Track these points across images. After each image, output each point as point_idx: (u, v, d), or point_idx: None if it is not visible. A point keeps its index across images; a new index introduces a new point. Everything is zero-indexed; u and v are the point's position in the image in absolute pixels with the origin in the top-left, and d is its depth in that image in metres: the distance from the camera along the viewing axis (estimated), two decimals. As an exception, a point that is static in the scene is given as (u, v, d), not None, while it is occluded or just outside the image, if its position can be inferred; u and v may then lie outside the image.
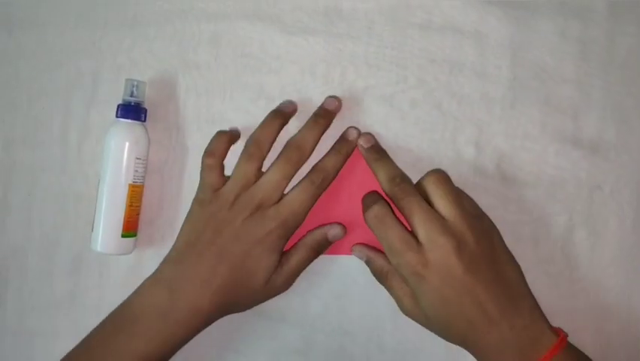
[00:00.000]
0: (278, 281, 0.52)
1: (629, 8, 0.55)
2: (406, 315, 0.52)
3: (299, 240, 0.54)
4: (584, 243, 0.55)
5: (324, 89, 0.56)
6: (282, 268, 0.52)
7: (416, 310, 0.50)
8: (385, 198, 0.51)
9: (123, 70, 0.58)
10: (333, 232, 0.54)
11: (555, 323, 0.48)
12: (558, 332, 0.47)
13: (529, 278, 0.49)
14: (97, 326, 0.50)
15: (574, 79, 0.55)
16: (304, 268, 0.53)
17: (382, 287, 0.55)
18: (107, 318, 0.51)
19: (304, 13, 0.57)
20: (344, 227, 0.54)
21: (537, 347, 0.46)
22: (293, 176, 0.52)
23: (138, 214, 0.55)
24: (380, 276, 0.53)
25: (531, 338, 0.46)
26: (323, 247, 0.54)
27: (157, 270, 0.51)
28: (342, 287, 0.56)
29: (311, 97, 0.57)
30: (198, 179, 0.55)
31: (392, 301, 0.55)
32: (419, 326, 0.55)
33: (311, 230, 0.54)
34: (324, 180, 0.52)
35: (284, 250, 0.53)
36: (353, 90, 0.56)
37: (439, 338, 0.54)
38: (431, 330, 0.51)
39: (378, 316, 0.56)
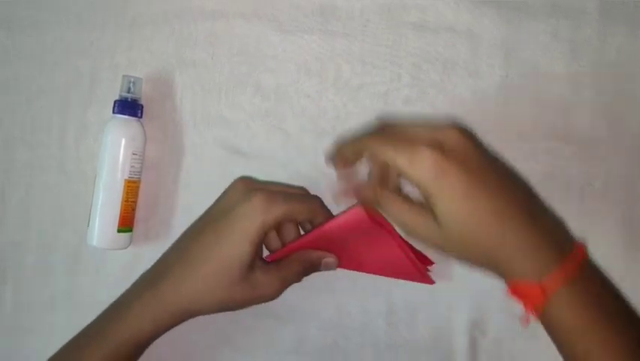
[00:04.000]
0: (262, 280, 0.49)
1: (620, 9, 0.56)
2: (411, 236, 0.46)
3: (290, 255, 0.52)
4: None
5: (319, 87, 0.57)
6: (269, 269, 0.49)
7: (424, 224, 0.44)
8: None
9: (121, 69, 0.59)
10: (329, 260, 0.52)
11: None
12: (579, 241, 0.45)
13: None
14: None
15: (565, 78, 0.56)
16: (292, 281, 0.51)
17: (377, 283, 0.55)
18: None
19: (300, 12, 0.58)
20: (337, 262, 0.53)
21: (567, 245, 0.43)
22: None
23: (134, 210, 0.56)
24: (375, 201, 0.47)
25: (559, 236, 0.44)
26: (312, 269, 0.52)
27: None
28: (336, 283, 0.57)
29: (307, 94, 0.57)
30: (194, 175, 0.56)
31: (386, 297, 0.56)
32: (412, 322, 0.56)
33: (305, 250, 0.52)
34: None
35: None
36: (347, 88, 0.57)
37: (431, 335, 0.55)
38: (448, 247, 0.45)
39: (372, 312, 0.56)
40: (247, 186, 0.50)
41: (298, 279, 0.51)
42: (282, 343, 0.57)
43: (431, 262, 0.53)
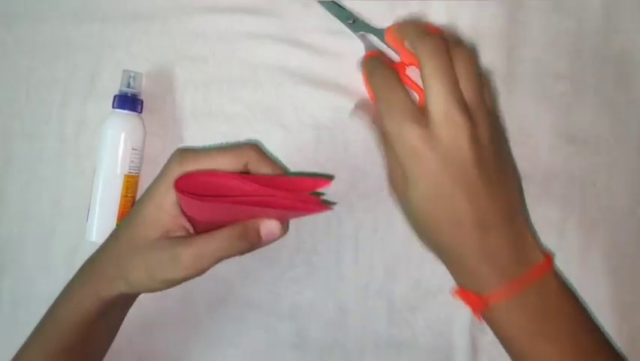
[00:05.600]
0: (183, 254, 0.44)
1: (623, 5, 0.56)
2: (391, 193, 0.46)
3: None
4: (577, 238, 0.55)
5: (320, 82, 0.57)
6: (192, 241, 0.44)
7: (403, 191, 0.44)
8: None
9: (121, 63, 0.58)
10: (269, 227, 0.46)
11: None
12: (546, 254, 0.45)
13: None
14: None
15: (568, 75, 0.56)
16: (222, 257, 0.45)
17: (377, 279, 0.55)
18: None
19: (301, 9, 0.57)
20: (282, 228, 0.48)
21: (522, 264, 0.43)
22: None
23: (133, 205, 0.56)
24: (381, 139, 0.46)
25: (518, 252, 0.43)
26: (252, 244, 0.46)
27: None
28: (336, 280, 0.56)
29: (308, 90, 0.57)
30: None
31: (387, 295, 0.56)
32: (413, 321, 0.55)
33: (244, 221, 0.46)
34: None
35: None
36: (350, 83, 0.57)
37: (432, 333, 0.55)
38: (410, 224, 0.46)
39: (373, 309, 0.56)
40: (175, 152, 0.49)
41: (229, 255, 0.46)
42: (283, 340, 0.57)
43: (326, 182, 0.49)
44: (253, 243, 0.46)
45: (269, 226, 0.46)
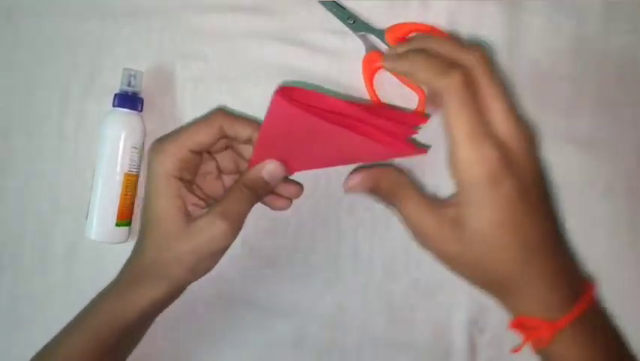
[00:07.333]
0: (204, 223, 0.46)
1: (624, 6, 0.56)
2: (423, 243, 0.43)
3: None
4: (577, 240, 0.55)
5: (321, 80, 0.57)
6: (209, 211, 0.46)
7: (444, 232, 0.41)
8: None
9: (120, 60, 0.58)
10: (269, 168, 0.48)
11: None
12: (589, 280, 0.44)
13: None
14: None
15: (568, 76, 0.56)
16: (245, 210, 0.47)
17: (375, 278, 0.55)
18: None
19: (302, 8, 0.57)
20: (281, 164, 0.48)
21: (579, 286, 0.42)
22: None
23: (133, 203, 0.56)
24: (392, 194, 0.44)
25: (574, 275, 0.43)
26: (262, 189, 0.48)
27: None
28: (334, 279, 0.57)
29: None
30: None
31: (384, 292, 0.56)
32: (411, 320, 0.56)
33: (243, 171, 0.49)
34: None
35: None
36: (350, 82, 0.57)
37: (430, 333, 0.55)
38: (457, 263, 0.43)
39: (372, 308, 0.56)
40: (150, 146, 0.50)
41: (253, 203, 0.48)
42: (282, 339, 0.57)
43: (424, 120, 0.47)
44: (262, 188, 0.48)
45: (268, 167, 0.48)
